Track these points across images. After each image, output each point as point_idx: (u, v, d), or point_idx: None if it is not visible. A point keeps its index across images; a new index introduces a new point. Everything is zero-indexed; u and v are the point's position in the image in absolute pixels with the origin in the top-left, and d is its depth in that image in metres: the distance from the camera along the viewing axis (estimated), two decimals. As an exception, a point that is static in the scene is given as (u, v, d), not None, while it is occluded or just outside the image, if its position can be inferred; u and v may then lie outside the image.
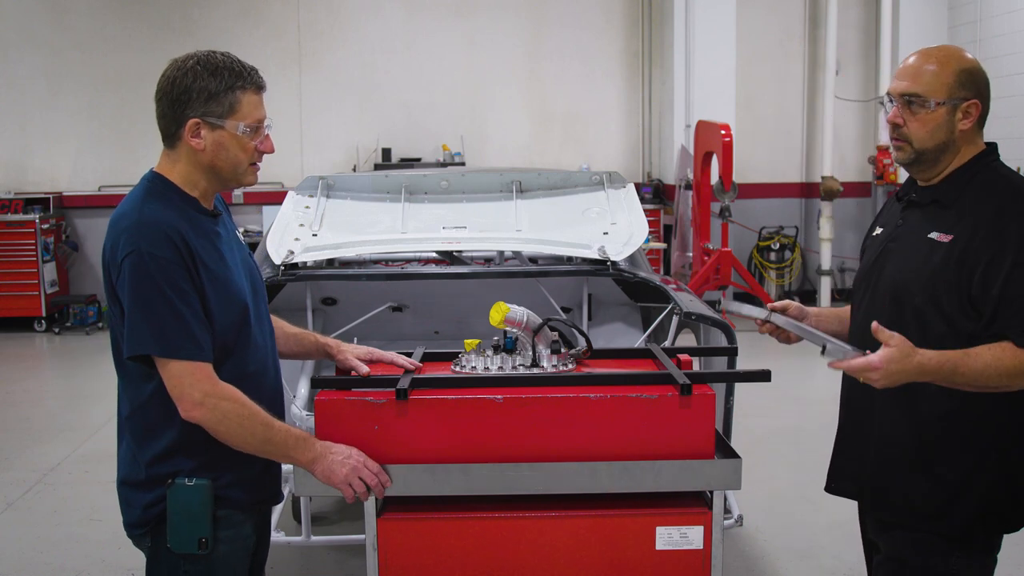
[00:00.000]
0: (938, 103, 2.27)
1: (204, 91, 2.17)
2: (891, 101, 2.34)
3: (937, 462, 2.30)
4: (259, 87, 2.25)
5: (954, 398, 2.24)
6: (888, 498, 2.40)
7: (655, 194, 10.64)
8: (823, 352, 2.25)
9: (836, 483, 2.56)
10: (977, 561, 2.34)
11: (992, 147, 2.37)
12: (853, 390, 2.46)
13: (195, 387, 2.11)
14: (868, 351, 2.15)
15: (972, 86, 2.28)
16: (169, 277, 2.10)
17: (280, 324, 2.60)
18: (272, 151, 2.30)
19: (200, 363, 2.13)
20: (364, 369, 2.51)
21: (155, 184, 2.24)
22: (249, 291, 2.33)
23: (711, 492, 2.34)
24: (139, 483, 2.25)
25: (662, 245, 10.31)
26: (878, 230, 2.52)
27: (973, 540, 2.32)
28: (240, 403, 2.16)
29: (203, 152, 2.21)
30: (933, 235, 2.28)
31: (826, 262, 10.13)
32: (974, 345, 2.17)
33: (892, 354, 2.11)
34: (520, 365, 2.48)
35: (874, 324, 2.15)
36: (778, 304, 2.53)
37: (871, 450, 2.42)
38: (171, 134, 2.23)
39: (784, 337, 2.52)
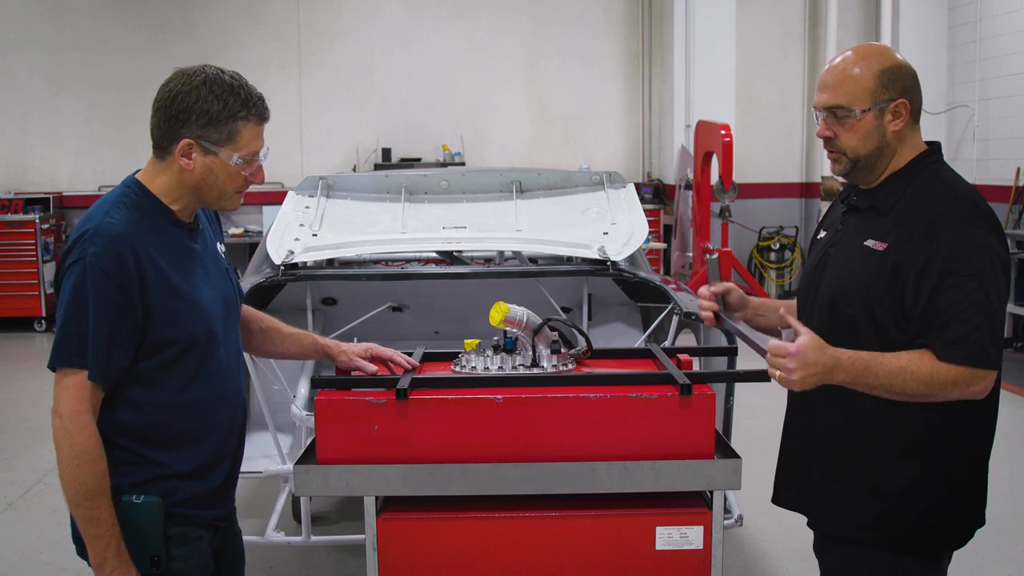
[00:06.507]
0: (863, 110, 2.20)
1: (205, 114, 2.08)
2: (819, 115, 2.27)
3: (877, 470, 2.23)
4: (262, 118, 2.16)
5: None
6: (827, 506, 2.33)
7: (655, 194, 10.64)
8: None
9: (780, 493, 2.49)
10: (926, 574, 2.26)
11: (934, 148, 2.29)
12: (794, 397, 2.41)
13: (61, 400, 2.01)
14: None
15: (896, 85, 2.21)
16: (100, 292, 2.00)
17: (278, 325, 2.59)
18: (262, 182, 2.22)
19: (85, 380, 2.00)
20: (372, 368, 2.49)
21: (131, 192, 2.15)
22: (220, 312, 2.23)
23: (711, 492, 2.34)
24: None
25: (662, 245, 10.31)
26: (822, 233, 2.47)
27: (918, 551, 2.24)
28: (82, 447, 2.00)
29: (191, 173, 2.13)
30: (869, 242, 2.22)
31: (826, 262, 10.13)
32: None
33: (808, 341, 2.07)
34: (520, 365, 2.47)
35: (781, 311, 2.15)
36: (718, 288, 2.53)
37: (813, 454, 2.36)
38: (163, 147, 2.14)
39: (713, 322, 2.56)
